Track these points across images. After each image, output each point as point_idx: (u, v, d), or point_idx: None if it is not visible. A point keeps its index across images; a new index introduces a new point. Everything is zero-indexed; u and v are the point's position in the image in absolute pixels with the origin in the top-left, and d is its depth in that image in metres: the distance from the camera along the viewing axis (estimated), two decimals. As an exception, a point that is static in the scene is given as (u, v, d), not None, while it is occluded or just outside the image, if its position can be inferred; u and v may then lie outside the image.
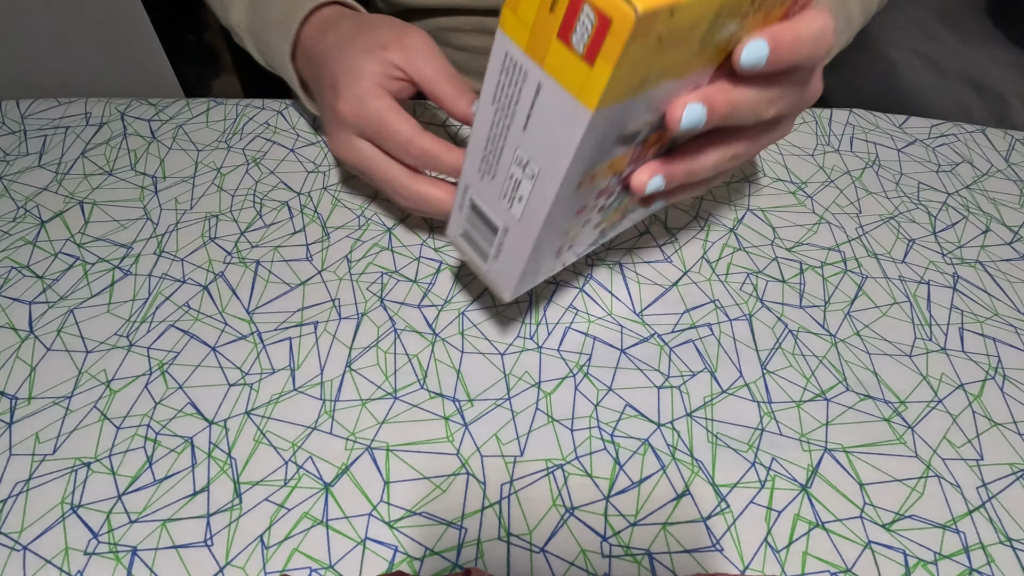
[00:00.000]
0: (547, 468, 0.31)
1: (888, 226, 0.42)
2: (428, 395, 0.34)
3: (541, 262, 0.28)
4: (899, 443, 0.32)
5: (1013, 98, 0.95)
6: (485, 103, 0.25)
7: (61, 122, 0.48)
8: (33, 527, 0.29)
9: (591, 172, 0.24)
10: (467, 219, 0.29)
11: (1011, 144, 0.48)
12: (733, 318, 0.37)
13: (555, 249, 0.28)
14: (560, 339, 0.36)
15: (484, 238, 0.28)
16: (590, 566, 0.28)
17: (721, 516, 0.30)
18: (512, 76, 0.23)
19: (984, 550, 0.29)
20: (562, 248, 0.29)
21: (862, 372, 0.35)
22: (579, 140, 0.22)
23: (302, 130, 0.47)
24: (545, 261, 0.29)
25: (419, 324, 0.36)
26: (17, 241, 0.40)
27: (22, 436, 0.32)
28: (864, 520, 0.30)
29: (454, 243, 0.31)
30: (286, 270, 0.39)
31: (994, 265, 0.40)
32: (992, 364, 0.35)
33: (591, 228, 0.29)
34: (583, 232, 0.29)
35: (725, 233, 0.41)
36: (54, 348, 0.35)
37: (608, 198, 0.28)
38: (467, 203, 0.28)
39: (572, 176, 0.24)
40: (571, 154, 0.22)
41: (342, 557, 0.28)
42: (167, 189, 0.43)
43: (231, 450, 0.31)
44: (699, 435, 0.32)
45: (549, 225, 0.26)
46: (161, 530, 0.29)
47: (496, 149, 0.25)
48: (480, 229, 0.28)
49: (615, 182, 0.27)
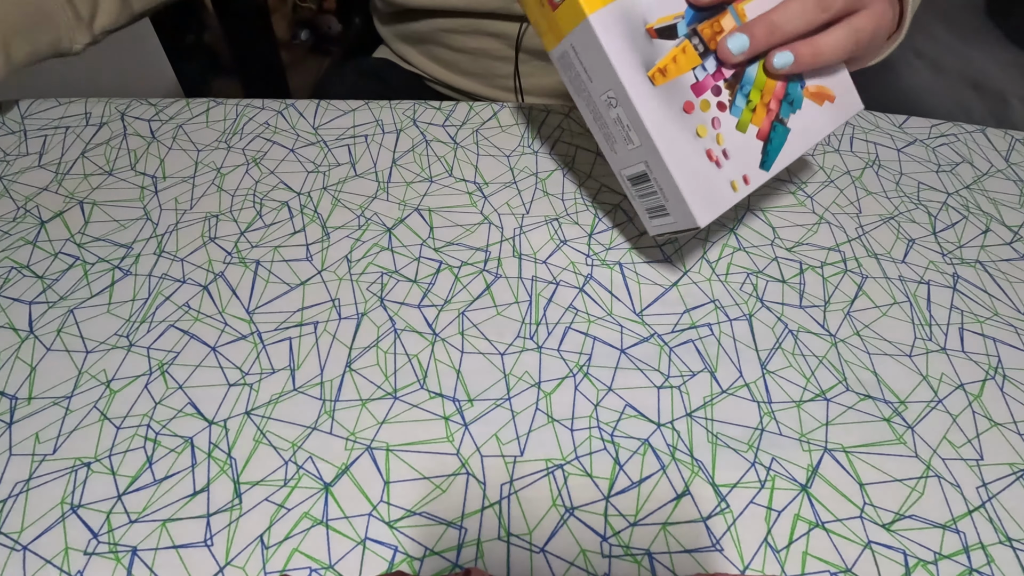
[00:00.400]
0: (547, 468, 0.31)
1: (888, 226, 0.42)
2: (428, 395, 0.34)
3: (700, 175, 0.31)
4: (899, 443, 0.32)
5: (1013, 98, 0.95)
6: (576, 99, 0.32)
7: (61, 122, 0.48)
8: (33, 527, 0.29)
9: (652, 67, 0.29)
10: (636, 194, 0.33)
11: (1011, 144, 0.48)
12: (733, 318, 0.37)
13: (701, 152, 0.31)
14: (560, 339, 0.36)
15: (653, 197, 0.32)
16: (590, 566, 0.28)
17: (721, 516, 0.30)
18: (566, 64, 0.31)
19: (984, 550, 0.29)
20: (713, 153, 0.31)
21: (862, 372, 0.35)
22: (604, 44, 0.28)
23: (302, 130, 0.47)
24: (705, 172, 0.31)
25: (419, 324, 0.36)
26: (17, 241, 0.40)
27: (22, 436, 0.32)
28: (864, 520, 0.30)
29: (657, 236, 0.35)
30: (286, 270, 0.39)
31: (994, 265, 0.40)
32: (992, 364, 0.35)
33: (733, 131, 0.31)
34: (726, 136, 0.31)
35: (725, 233, 0.41)
36: (54, 348, 0.35)
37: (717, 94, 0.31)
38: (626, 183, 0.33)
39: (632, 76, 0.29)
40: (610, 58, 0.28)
41: (342, 557, 0.28)
42: (167, 189, 0.43)
43: (231, 450, 0.31)
44: (699, 435, 0.32)
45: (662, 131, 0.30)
46: (161, 530, 0.29)
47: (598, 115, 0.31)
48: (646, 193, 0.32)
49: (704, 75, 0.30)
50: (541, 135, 0.47)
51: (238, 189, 0.43)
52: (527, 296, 0.38)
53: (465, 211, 0.42)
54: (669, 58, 0.29)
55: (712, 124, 0.31)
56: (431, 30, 0.58)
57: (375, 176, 0.44)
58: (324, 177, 0.44)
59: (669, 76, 0.29)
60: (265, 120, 0.48)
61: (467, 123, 0.48)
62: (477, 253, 0.40)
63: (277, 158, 0.45)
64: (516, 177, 0.44)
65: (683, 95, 0.30)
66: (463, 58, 0.59)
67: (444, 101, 0.50)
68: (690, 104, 0.30)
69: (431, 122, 0.48)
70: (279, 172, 0.44)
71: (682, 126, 0.30)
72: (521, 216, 0.42)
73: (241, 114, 0.48)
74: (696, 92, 0.30)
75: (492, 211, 0.42)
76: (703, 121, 0.31)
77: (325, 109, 0.49)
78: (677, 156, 0.30)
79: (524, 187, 0.44)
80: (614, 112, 0.30)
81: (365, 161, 0.45)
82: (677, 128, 0.30)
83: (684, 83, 0.30)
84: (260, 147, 0.46)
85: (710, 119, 0.31)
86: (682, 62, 0.30)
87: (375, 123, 0.48)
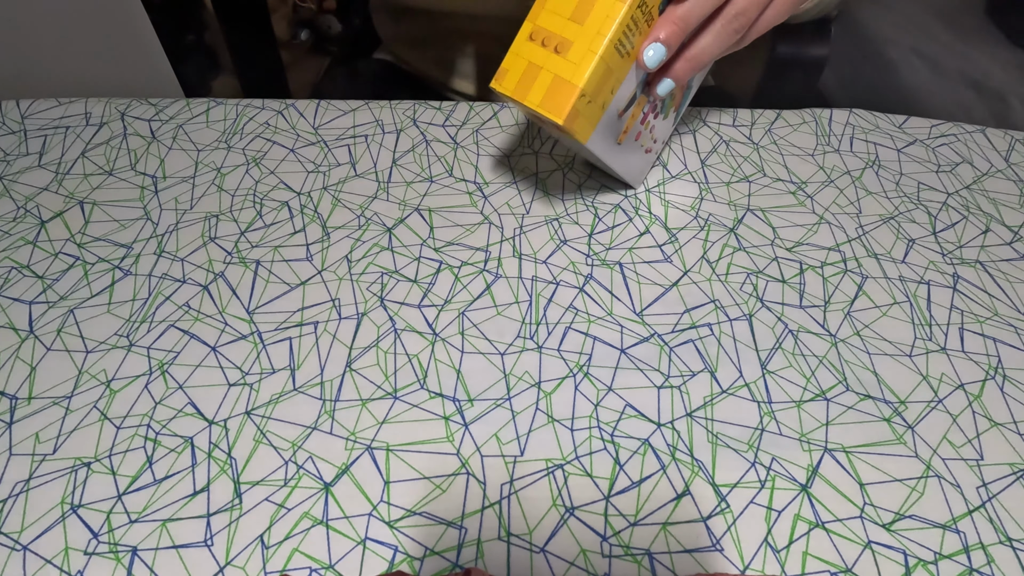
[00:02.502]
0: (547, 468, 0.31)
1: (888, 226, 0.42)
2: (428, 395, 0.34)
3: (641, 166, 0.41)
4: (899, 443, 0.32)
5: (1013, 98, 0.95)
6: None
7: (61, 122, 0.48)
8: (33, 527, 0.29)
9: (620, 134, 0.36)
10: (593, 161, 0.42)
11: (1011, 144, 0.48)
12: (733, 318, 0.37)
13: (642, 154, 0.40)
14: (560, 339, 0.36)
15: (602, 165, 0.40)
16: (590, 566, 0.28)
17: (721, 516, 0.30)
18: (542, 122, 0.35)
19: (984, 550, 0.29)
20: (653, 149, 0.41)
21: (862, 372, 0.35)
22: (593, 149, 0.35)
23: (302, 130, 0.47)
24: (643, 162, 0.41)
25: (419, 324, 0.36)
26: (17, 241, 0.40)
27: (22, 436, 0.32)
28: (864, 520, 0.30)
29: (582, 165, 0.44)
30: (286, 270, 0.39)
31: (994, 265, 0.40)
32: (992, 364, 0.35)
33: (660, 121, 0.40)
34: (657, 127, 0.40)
35: (725, 233, 0.41)
36: (54, 348, 0.35)
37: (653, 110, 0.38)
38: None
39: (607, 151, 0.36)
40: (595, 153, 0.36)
41: (342, 557, 0.28)
42: (167, 189, 0.43)
43: (231, 450, 0.31)
44: (699, 435, 0.32)
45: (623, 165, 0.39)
46: (161, 530, 0.29)
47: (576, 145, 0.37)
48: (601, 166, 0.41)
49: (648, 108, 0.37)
50: (541, 135, 0.47)
51: (238, 189, 0.43)
52: (527, 296, 0.38)
53: (465, 211, 0.42)
54: (630, 118, 0.36)
55: (650, 131, 0.39)
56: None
57: (375, 176, 0.44)
58: (324, 177, 0.44)
59: (628, 129, 0.36)
60: (265, 120, 0.48)
61: (467, 123, 0.48)
62: (477, 253, 0.40)
63: (277, 158, 0.45)
64: (516, 177, 0.44)
65: (635, 130, 0.37)
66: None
67: (444, 101, 0.50)
68: (639, 133, 0.38)
69: (431, 122, 0.48)
70: (279, 172, 0.44)
71: (634, 148, 0.38)
72: (521, 216, 0.42)
73: (241, 114, 0.48)
74: (642, 122, 0.38)
75: (492, 211, 0.42)
76: (644, 134, 0.39)
77: (325, 109, 0.49)
78: (629, 168, 0.40)
79: (524, 187, 0.44)
80: (587, 153, 0.37)
81: (365, 161, 0.45)
82: (630, 153, 0.38)
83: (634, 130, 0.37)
84: (260, 147, 0.46)
85: (649, 129, 0.39)
86: (635, 112, 0.36)
87: (375, 123, 0.48)
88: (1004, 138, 0.48)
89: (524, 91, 0.32)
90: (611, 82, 0.33)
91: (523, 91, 0.32)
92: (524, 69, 0.32)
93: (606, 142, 0.36)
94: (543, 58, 0.32)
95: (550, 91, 0.31)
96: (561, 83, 0.31)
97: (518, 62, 0.32)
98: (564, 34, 0.31)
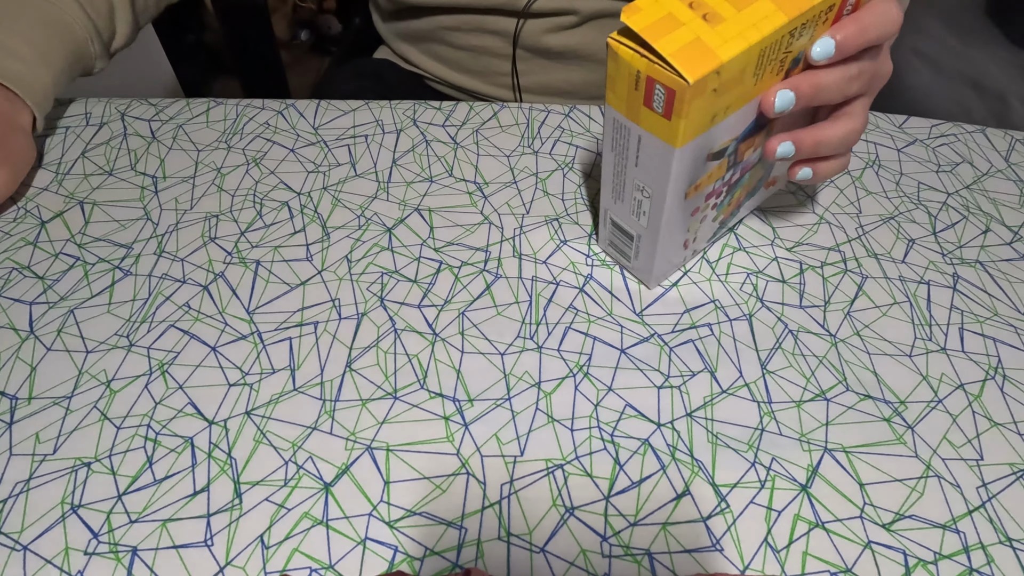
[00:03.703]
0: (547, 468, 0.31)
1: (888, 226, 0.42)
2: (428, 395, 0.34)
3: (672, 254, 0.36)
4: (899, 443, 0.32)
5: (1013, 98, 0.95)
6: (607, 150, 0.34)
7: (61, 122, 0.48)
8: (33, 527, 0.29)
9: (693, 185, 0.32)
10: (611, 232, 0.38)
11: (1011, 144, 0.48)
12: (733, 318, 0.37)
13: (681, 243, 0.36)
14: (560, 339, 0.36)
15: (625, 245, 0.37)
16: (590, 566, 0.28)
17: (721, 516, 0.30)
18: (620, 132, 0.32)
19: (984, 550, 0.29)
20: (687, 241, 0.37)
21: (862, 372, 0.35)
22: (673, 169, 0.30)
23: (302, 130, 0.47)
24: (675, 253, 0.37)
25: (419, 324, 0.36)
26: (18, 242, 0.40)
27: (22, 436, 0.32)
28: (864, 520, 0.30)
29: (605, 251, 0.40)
30: (286, 270, 0.39)
31: (994, 265, 0.40)
32: (992, 364, 0.35)
33: (709, 222, 0.37)
34: (703, 227, 0.37)
35: (725, 233, 0.41)
36: (54, 348, 0.35)
37: (718, 198, 0.35)
38: (608, 221, 0.37)
39: (676, 192, 0.32)
40: (670, 178, 0.31)
41: (342, 557, 0.28)
42: (167, 189, 0.43)
43: (231, 450, 0.31)
44: (699, 435, 0.32)
45: (669, 227, 0.34)
46: (161, 530, 0.29)
47: (620, 181, 0.34)
48: (621, 239, 0.37)
49: (720, 185, 0.34)
50: (541, 135, 0.47)
51: (238, 189, 0.43)
52: (527, 296, 0.38)
53: (465, 211, 0.42)
54: (707, 176, 0.32)
55: (700, 222, 0.36)
56: (431, 28, 0.58)
57: (375, 176, 0.44)
58: (324, 177, 0.44)
59: (700, 190, 0.33)
60: (265, 120, 0.48)
61: (467, 123, 0.48)
62: (477, 253, 0.40)
63: (277, 158, 0.45)
64: (516, 177, 0.44)
65: (696, 203, 0.34)
66: (463, 56, 0.59)
67: (444, 101, 0.50)
68: (697, 210, 0.34)
69: (431, 122, 0.48)
70: (279, 172, 0.44)
71: (683, 226, 0.35)
72: (521, 216, 0.42)
73: (241, 114, 0.48)
74: (707, 198, 0.34)
75: (492, 211, 0.42)
76: (697, 220, 0.35)
77: (325, 109, 0.49)
78: (666, 246, 0.35)
79: (524, 187, 0.44)
80: (639, 195, 0.33)
81: (365, 161, 0.45)
82: (679, 227, 0.34)
83: (703, 193, 0.33)
84: (260, 147, 0.46)
85: (701, 218, 0.35)
86: (714, 177, 0.33)
87: (375, 123, 0.48)
88: (1004, 138, 0.48)
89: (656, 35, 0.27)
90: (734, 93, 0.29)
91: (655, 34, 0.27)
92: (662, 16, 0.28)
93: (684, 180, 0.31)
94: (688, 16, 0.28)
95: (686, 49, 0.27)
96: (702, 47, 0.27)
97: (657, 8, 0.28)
98: (718, 9, 0.28)
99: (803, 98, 0.31)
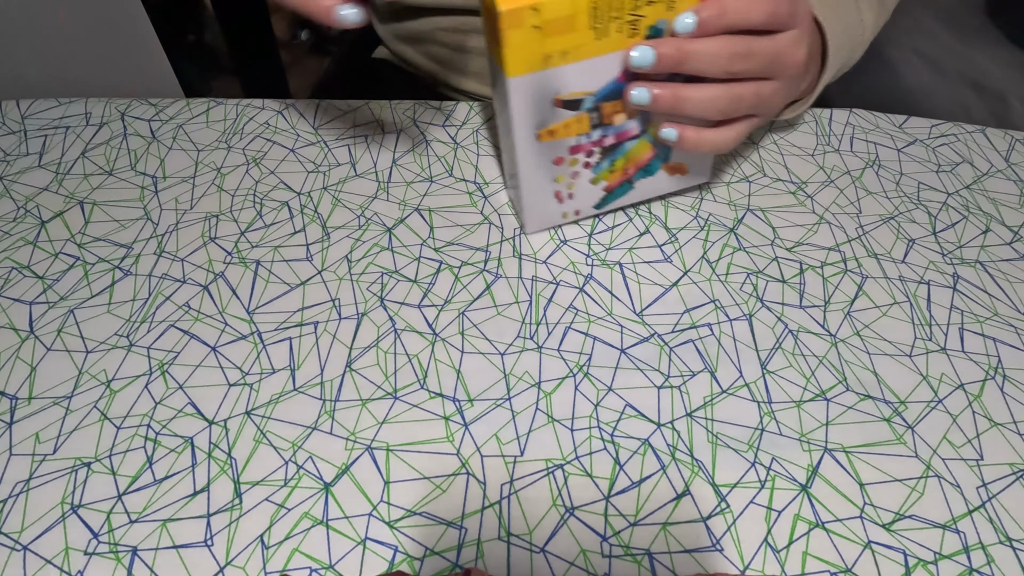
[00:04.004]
0: (547, 468, 0.31)
1: (888, 226, 0.42)
2: (428, 395, 0.34)
3: (542, 200, 0.39)
4: (899, 443, 0.32)
5: (1013, 98, 0.95)
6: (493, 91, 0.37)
7: (61, 122, 0.48)
8: (33, 527, 0.29)
9: (545, 127, 0.35)
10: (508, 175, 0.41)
11: (1011, 144, 0.48)
12: (733, 318, 0.37)
13: (551, 192, 0.39)
14: (560, 339, 0.36)
15: (513, 187, 0.40)
16: (590, 566, 0.28)
17: (721, 516, 0.30)
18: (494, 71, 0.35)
19: (984, 550, 0.29)
20: (560, 193, 0.39)
21: (862, 372, 0.35)
22: (511, 99, 0.33)
23: (302, 130, 0.47)
24: (546, 201, 0.39)
25: (419, 324, 0.36)
26: (17, 241, 0.40)
27: (22, 436, 0.32)
28: (864, 520, 0.30)
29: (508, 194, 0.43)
30: (286, 270, 0.39)
31: (994, 265, 0.40)
32: (992, 364, 0.35)
33: (587, 183, 0.39)
34: (579, 185, 0.39)
35: (725, 233, 0.41)
36: (54, 348, 0.35)
37: (588, 156, 0.37)
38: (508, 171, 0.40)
39: (523, 126, 0.35)
40: (509, 107, 0.34)
41: (342, 557, 0.28)
42: (167, 189, 0.43)
43: (231, 450, 0.31)
44: (699, 435, 0.32)
45: (528, 166, 0.37)
46: (161, 530, 0.29)
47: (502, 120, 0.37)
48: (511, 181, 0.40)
49: (587, 143, 0.37)
50: (541, 135, 0.47)
51: (238, 189, 0.43)
52: (527, 296, 0.38)
53: (465, 211, 0.42)
54: (562, 124, 0.35)
55: (571, 176, 0.38)
56: (430, 29, 0.58)
57: (375, 176, 0.44)
58: (324, 177, 0.44)
59: (556, 137, 0.36)
60: (265, 120, 0.48)
61: (467, 123, 0.48)
62: (477, 253, 0.40)
63: (277, 158, 0.45)
64: (516, 177, 0.44)
65: (558, 152, 0.37)
66: (462, 57, 0.59)
67: (444, 101, 0.50)
68: (560, 159, 0.37)
69: (431, 122, 0.48)
70: (279, 172, 0.44)
71: (546, 172, 0.37)
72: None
73: (241, 114, 0.48)
74: (571, 152, 0.37)
75: (492, 211, 0.42)
76: (564, 172, 0.38)
77: (325, 109, 0.49)
78: (532, 188, 0.38)
79: (524, 187, 0.44)
80: (503, 129, 0.37)
81: (365, 161, 0.45)
82: (542, 171, 0.37)
83: (565, 144, 0.36)
84: (260, 147, 0.46)
85: (571, 172, 0.38)
86: (572, 128, 0.36)
87: (375, 123, 0.48)
88: (1004, 138, 0.48)
89: None
90: (568, 40, 0.31)
91: None
92: None
93: (528, 116, 0.34)
94: None
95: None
96: None
97: None
98: None
99: (665, 58, 0.31)
